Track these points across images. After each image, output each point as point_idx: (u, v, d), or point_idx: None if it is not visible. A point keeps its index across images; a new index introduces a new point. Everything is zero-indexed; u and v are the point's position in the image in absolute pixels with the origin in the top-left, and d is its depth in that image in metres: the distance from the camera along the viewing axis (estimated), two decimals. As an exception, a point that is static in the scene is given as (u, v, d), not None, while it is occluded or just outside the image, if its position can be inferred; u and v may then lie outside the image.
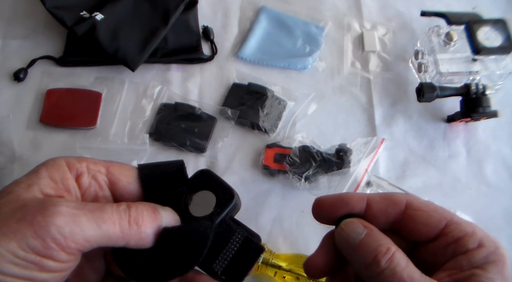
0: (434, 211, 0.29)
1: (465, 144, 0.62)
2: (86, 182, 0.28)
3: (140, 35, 0.60)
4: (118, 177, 0.29)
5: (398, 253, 0.26)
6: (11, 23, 0.64)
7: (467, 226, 0.28)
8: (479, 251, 0.26)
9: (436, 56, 0.61)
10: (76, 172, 0.27)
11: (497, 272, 0.26)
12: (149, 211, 0.27)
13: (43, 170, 0.26)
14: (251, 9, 0.68)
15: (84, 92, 0.59)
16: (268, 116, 0.60)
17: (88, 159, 0.28)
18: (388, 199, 0.29)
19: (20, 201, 0.24)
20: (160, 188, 0.30)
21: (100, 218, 0.25)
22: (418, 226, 0.29)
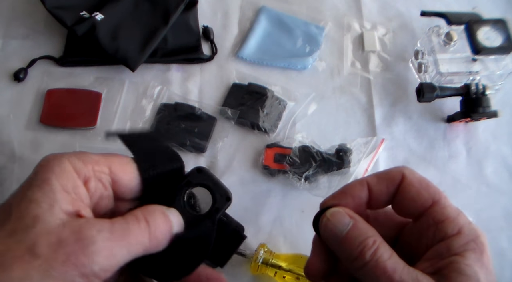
0: (425, 189, 0.29)
1: (465, 144, 0.62)
2: (93, 186, 0.28)
3: (140, 35, 0.60)
4: (120, 176, 0.29)
5: (383, 246, 0.27)
6: (11, 23, 0.64)
7: (450, 210, 0.28)
8: (458, 238, 0.27)
9: (436, 56, 0.61)
10: (84, 177, 0.27)
11: (476, 260, 0.26)
12: (164, 221, 0.28)
13: (53, 179, 0.26)
14: (251, 9, 0.68)
15: (84, 92, 0.59)
16: (268, 116, 0.60)
17: (91, 157, 0.28)
18: (386, 177, 0.30)
19: (54, 234, 0.24)
20: (159, 183, 0.31)
21: (129, 244, 0.26)
22: (406, 202, 0.29)
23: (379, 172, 0.31)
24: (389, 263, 0.26)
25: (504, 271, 0.55)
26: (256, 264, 0.49)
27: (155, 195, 0.30)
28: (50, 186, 0.25)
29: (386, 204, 0.30)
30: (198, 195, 0.33)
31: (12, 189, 0.53)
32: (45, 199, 0.25)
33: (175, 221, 0.29)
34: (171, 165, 0.31)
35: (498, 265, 0.55)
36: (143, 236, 0.27)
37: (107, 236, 0.25)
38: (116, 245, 0.25)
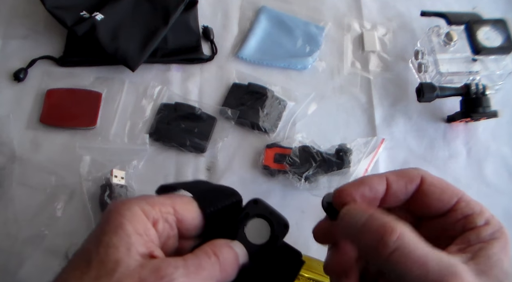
0: (447, 188, 0.30)
1: (465, 144, 0.62)
2: (161, 227, 0.29)
3: (140, 35, 0.60)
4: (184, 214, 0.30)
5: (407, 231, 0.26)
6: (11, 23, 0.64)
7: (476, 204, 0.30)
8: (486, 228, 0.29)
9: (436, 56, 0.61)
10: (153, 219, 0.29)
11: (501, 248, 0.28)
12: (231, 254, 0.30)
13: (126, 224, 0.27)
14: (251, 9, 0.68)
15: (84, 92, 0.59)
16: (268, 116, 0.59)
17: (157, 200, 0.30)
18: (405, 176, 0.31)
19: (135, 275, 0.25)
20: (219, 218, 0.32)
21: (203, 278, 0.27)
22: (431, 202, 0.30)
23: (397, 170, 0.31)
24: (419, 249, 0.26)
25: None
26: None
27: (216, 230, 0.32)
28: (124, 230, 0.27)
29: (401, 202, 0.31)
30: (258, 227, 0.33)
31: (12, 189, 0.53)
32: (122, 243, 0.26)
33: (240, 252, 0.31)
34: (229, 200, 0.33)
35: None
36: (215, 269, 0.28)
37: (183, 272, 0.26)
38: (192, 279, 0.26)
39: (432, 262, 0.25)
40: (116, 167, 0.54)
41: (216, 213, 0.32)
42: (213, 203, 0.32)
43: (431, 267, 0.25)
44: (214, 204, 0.32)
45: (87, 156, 0.55)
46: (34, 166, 0.55)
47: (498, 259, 0.27)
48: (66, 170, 0.55)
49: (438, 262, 0.26)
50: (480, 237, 0.28)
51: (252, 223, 0.33)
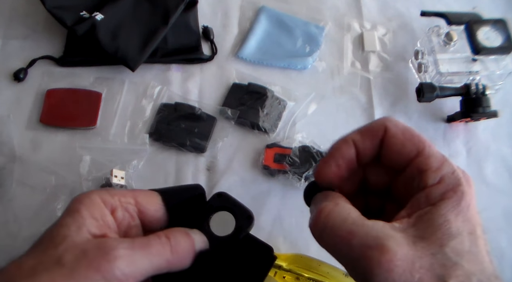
0: (409, 139, 0.28)
1: (465, 144, 0.62)
2: (120, 215, 0.30)
3: (140, 35, 0.60)
4: (146, 206, 0.31)
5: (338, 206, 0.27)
6: (11, 23, 0.64)
7: (434, 160, 0.27)
8: (437, 187, 0.26)
9: (436, 56, 0.61)
10: (111, 206, 0.30)
11: (451, 209, 0.25)
12: (185, 238, 0.30)
13: (83, 209, 0.28)
14: (251, 9, 0.68)
15: (84, 92, 0.59)
16: (268, 116, 0.60)
17: (118, 191, 0.31)
18: (369, 131, 0.30)
19: (79, 247, 0.26)
20: (183, 211, 0.33)
21: (150, 253, 0.28)
22: (391, 154, 0.29)
23: (361, 127, 0.31)
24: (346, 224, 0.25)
25: (504, 271, 0.55)
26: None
27: (180, 224, 0.32)
28: (80, 213, 0.28)
29: (373, 158, 0.30)
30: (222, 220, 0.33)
31: (12, 189, 0.53)
32: (74, 222, 0.28)
33: (197, 238, 0.31)
34: (192, 192, 0.34)
35: (498, 265, 0.55)
36: (164, 249, 0.28)
37: (127, 245, 0.27)
38: (136, 253, 0.27)
39: (357, 236, 0.25)
40: (116, 167, 0.54)
41: (179, 205, 0.32)
42: (175, 196, 0.32)
43: (355, 242, 0.25)
44: (177, 197, 0.32)
45: (87, 155, 0.55)
46: (34, 166, 0.55)
47: (444, 222, 0.25)
48: (66, 169, 0.55)
49: (365, 235, 0.25)
50: (429, 198, 0.26)
51: (217, 216, 0.33)
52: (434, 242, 0.24)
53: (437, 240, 0.24)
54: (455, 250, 0.24)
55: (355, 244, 0.25)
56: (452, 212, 0.25)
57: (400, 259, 0.24)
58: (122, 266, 0.26)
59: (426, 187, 0.26)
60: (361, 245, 0.24)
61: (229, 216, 0.33)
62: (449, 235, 0.24)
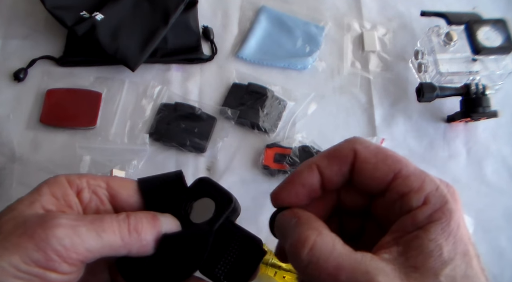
0: (383, 162, 0.26)
1: (465, 144, 0.62)
2: (87, 197, 0.28)
3: (140, 35, 0.60)
4: (118, 190, 0.29)
5: (322, 238, 0.24)
6: (11, 23, 0.64)
7: (415, 179, 0.25)
8: (423, 209, 0.24)
9: (436, 56, 0.61)
10: (77, 187, 0.27)
11: (441, 232, 0.23)
12: (148, 218, 0.27)
13: (44, 187, 0.27)
14: (251, 9, 0.68)
15: (84, 92, 0.59)
16: (268, 116, 0.60)
17: (88, 175, 0.29)
18: (336, 157, 0.27)
19: (22, 217, 0.24)
20: (161, 198, 0.30)
21: (100, 227, 0.25)
22: (365, 180, 0.26)
23: (328, 150, 0.28)
24: (333, 257, 0.23)
25: (504, 271, 0.55)
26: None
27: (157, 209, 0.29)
28: (39, 191, 0.26)
29: (343, 183, 0.28)
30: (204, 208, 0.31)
31: (12, 189, 0.53)
32: (29, 198, 0.26)
33: (166, 222, 0.28)
34: (169, 177, 0.31)
35: (498, 265, 0.55)
36: (120, 226, 0.26)
37: (73, 217, 0.25)
38: (82, 225, 0.24)
39: (345, 271, 0.22)
40: (116, 167, 0.54)
41: (156, 191, 0.30)
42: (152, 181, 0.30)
43: (343, 278, 0.22)
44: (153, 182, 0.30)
45: (87, 156, 0.55)
46: (34, 166, 0.55)
47: (435, 247, 0.23)
48: (66, 169, 0.55)
49: (353, 270, 0.22)
50: (416, 221, 0.24)
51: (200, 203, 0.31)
52: (427, 272, 0.22)
53: (430, 269, 0.22)
54: (450, 278, 0.22)
55: (343, 281, 0.22)
56: (443, 235, 0.23)
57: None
58: (60, 235, 0.23)
59: (411, 210, 0.24)
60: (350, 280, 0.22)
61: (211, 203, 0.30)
62: (443, 262, 0.22)
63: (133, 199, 0.29)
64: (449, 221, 0.23)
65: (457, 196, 0.25)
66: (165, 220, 0.28)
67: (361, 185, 0.27)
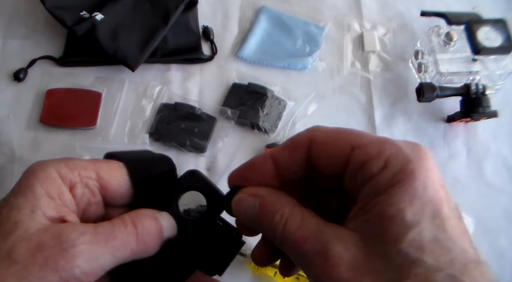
0: (340, 139, 0.25)
1: (465, 144, 0.62)
2: (80, 192, 0.27)
3: (140, 35, 0.60)
4: (109, 181, 0.28)
5: (292, 216, 0.24)
6: (11, 23, 0.64)
7: (373, 147, 0.24)
8: (384, 173, 0.22)
9: (436, 56, 0.61)
10: (70, 183, 0.27)
11: (403, 195, 0.21)
12: (153, 225, 0.27)
13: (37, 186, 0.25)
14: (251, 9, 0.68)
15: (84, 92, 0.59)
16: (268, 116, 0.60)
17: (77, 163, 0.27)
18: (291, 145, 0.27)
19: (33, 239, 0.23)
20: (151, 187, 0.30)
21: (113, 247, 0.25)
22: (325, 161, 0.26)
23: (286, 141, 0.28)
24: (298, 234, 0.23)
25: (504, 271, 0.55)
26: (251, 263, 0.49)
27: (147, 201, 0.29)
28: (33, 192, 0.25)
29: (303, 172, 0.27)
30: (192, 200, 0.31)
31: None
32: (27, 204, 0.24)
33: (166, 224, 0.28)
34: (161, 167, 0.31)
35: (498, 265, 0.55)
36: (130, 239, 0.26)
37: (89, 239, 0.24)
38: (99, 248, 0.24)
39: (309, 241, 0.23)
40: (116, 167, 0.54)
41: (147, 181, 0.30)
42: (143, 170, 0.29)
43: (307, 247, 0.23)
44: (144, 172, 0.29)
45: (87, 155, 0.55)
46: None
47: (396, 212, 0.21)
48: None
49: (315, 241, 0.23)
50: (377, 188, 0.22)
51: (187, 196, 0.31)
52: (387, 238, 0.21)
53: (391, 235, 0.21)
54: (415, 244, 0.21)
55: (307, 250, 0.23)
56: (405, 198, 0.21)
57: (347, 264, 0.21)
58: (83, 264, 0.23)
59: (372, 176, 0.23)
60: (311, 251, 0.23)
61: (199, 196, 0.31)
62: (405, 227, 0.21)
63: (123, 189, 0.29)
64: (413, 181, 0.22)
65: (425, 155, 0.23)
66: (165, 222, 0.28)
67: (323, 167, 0.26)
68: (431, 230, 0.21)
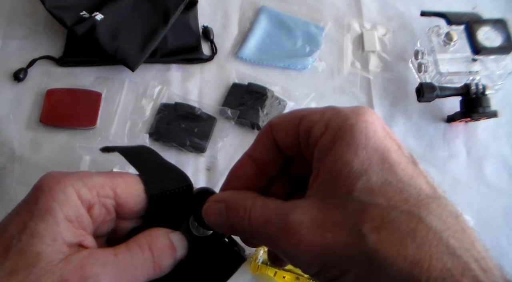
0: (290, 115, 0.27)
1: (465, 144, 0.62)
2: (97, 213, 0.27)
3: (140, 35, 0.60)
4: (126, 200, 0.28)
5: (254, 206, 0.25)
6: (11, 23, 0.64)
7: (316, 114, 0.25)
8: (325, 135, 0.24)
9: (436, 56, 0.61)
10: (88, 204, 0.26)
11: (346, 148, 0.22)
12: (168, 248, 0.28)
13: (57, 210, 0.24)
14: (251, 9, 0.68)
15: (84, 92, 0.59)
16: (268, 116, 0.60)
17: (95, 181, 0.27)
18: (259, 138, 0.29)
19: (57, 272, 0.23)
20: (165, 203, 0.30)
21: (133, 276, 0.25)
22: (283, 140, 0.27)
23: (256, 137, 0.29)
24: (262, 219, 0.24)
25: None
26: (256, 264, 0.49)
27: (159, 215, 0.29)
28: (54, 217, 0.24)
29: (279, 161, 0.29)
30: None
31: (12, 188, 0.53)
32: (49, 232, 0.24)
33: (179, 246, 0.28)
34: (178, 185, 0.30)
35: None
36: (147, 265, 0.26)
37: (111, 271, 0.24)
38: (120, 280, 0.25)
39: (272, 221, 0.24)
40: (116, 167, 0.54)
41: (162, 197, 0.29)
42: (160, 186, 0.29)
43: (271, 228, 0.24)
44: (161, 188, 0.29)
45: (87, 156, 0.55)
46: (34, 165, 0.55)
47: (343, 164, 0.22)
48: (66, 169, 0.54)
49: (277, 219, 0.23)
50: (322, 149, 0.24)
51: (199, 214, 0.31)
52: (340, 192, 0.22)
53: (342, 188, 0.22)
54: (366, 190, 0.21)
55: (272, 231, 0.23)
56: (349, 150, 0.22)
57: (307, 226, 0.22)
58: None
59: (317, 140, 0.24)
60: (275, 229, 0.23)
61: None
62: (353, 177, 0.22)
63: (139, 206, 0.28)
64: (354, 135, 0.23)
65: (364, 111, 0.24)
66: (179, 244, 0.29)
67: (284, 146, 0.28)
68: (381, 175, 0.22)
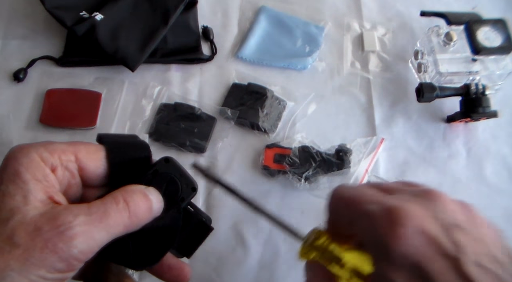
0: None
1: (465, 144, 0.62)
2: (61, 175, 0.29)
3: (140, 35, 0.60)
4: (87, 163, 0.30)
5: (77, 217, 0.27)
6: (11, 23, 0.64)
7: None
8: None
9: (436, 56, 0.61)
10: (51, 165, 0.28)
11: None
12: (144, 201, 0.29)
13: (24, 172, 0.27)
14: (251, 9, 0.68)
15: (84, 92, 0.59)
16: (268, 116, 0.59)
17: (57, 146, 0.29)
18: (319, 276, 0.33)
19: (31, 223, 0.25)
20: (126, 170, 0.32)
21: (108, 225, 0.27)
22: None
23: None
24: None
25: (504, 271, 0.55)
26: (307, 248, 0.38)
27: (121, 181, 0.31)
28: (21, 178, 0.27)
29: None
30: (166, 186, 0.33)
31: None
32: (19, 190, 0.26)
33: (154, 200, 0.30)
34: (138, 153, 0.32)
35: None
36: (122, 216, 0.28)
37: (84, 220, 0.26)
38: (94, 228, 0.26)
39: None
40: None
41: (123, 164, 0.32)
42: (120, 154, 0.32)
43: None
44: (121, 155, 0.32)
45: (87, 156, 0.55)
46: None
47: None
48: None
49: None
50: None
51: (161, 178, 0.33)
52: None
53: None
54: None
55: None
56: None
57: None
58: (80, 245, 0.25)
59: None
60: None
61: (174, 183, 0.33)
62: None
63: (100, 170, 0.31)
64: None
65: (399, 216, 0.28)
66: (154, 198, 0.30)
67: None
68: None
